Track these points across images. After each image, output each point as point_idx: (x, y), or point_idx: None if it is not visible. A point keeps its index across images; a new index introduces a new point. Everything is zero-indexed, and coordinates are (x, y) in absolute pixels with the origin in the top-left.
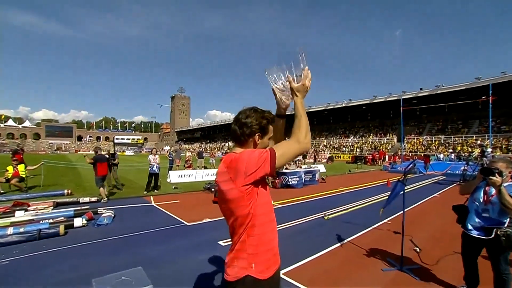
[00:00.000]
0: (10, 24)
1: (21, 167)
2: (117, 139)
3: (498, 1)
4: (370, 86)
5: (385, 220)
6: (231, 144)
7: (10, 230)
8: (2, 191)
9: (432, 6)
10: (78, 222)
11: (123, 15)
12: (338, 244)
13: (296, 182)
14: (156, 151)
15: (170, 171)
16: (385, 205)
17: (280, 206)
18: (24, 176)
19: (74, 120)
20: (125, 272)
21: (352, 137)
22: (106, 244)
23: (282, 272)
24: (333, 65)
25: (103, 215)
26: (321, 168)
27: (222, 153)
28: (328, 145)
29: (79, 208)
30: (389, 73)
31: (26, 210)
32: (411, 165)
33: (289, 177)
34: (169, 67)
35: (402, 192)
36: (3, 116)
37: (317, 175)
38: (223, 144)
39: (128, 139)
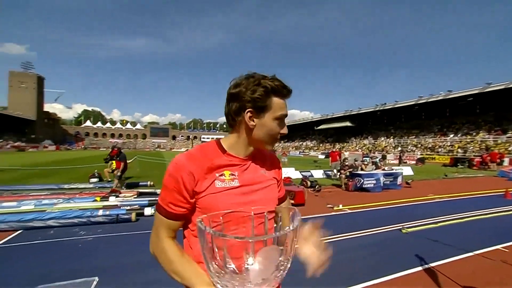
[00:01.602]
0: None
1: None
2: (203, 138)
3: None
4: (473, 74)
5: (499, 246)
6: (309, 143)
7: (100, 212)
8: (109, 179)
9: None
10: (148, 211)
11: (203, 27)
12: (418, 268)
13: (372, 185)
14: None
15: None
16: None
17: (349, 211)
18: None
19: (170, 122)
20: (74, 282)
21: (452, 135)
22: None
23: None
24: (426, 54)
25: None
26: (407, 170)
27: (299, 152)
28: (419, 145)
29: (154, 198)
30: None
31: (117, 196)
32: None
33: (365, 179)
34: (246, 69)
35: None
36: (124, 121)
37: (399, 179)
38: (300, 143)
39: (213, 138)
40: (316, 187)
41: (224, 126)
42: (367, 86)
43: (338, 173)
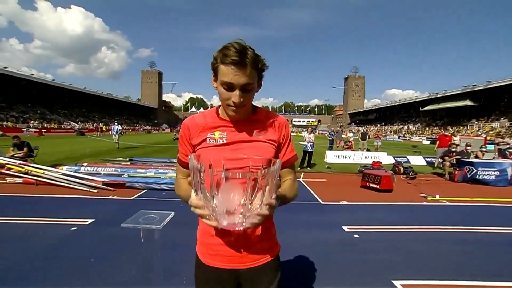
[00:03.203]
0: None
1: None
2: (294, 121)
3: None
4: None
5: None
6: (411, 127)
7: None
8: None
9: None
10: None
11: (295, 7)
12: None
13: (493, 177)
14: (312, 130)
15: (327, 151)
16: None
17: (448, 203)
18: None
19: (262, 106)
20: (160, 212)
21: None
22: None
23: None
24: None
25: None
26: None
27: (399, 136)
28: None
29: None
30: None
31: None
32: None
33: (479, 169)
34: (342, 48)
35: None
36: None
37: None
38: (400, 126)
39: (304, 121)
40: (410, 173)
41: (316, 109)
42: (497, 54)
43: (442, 161)
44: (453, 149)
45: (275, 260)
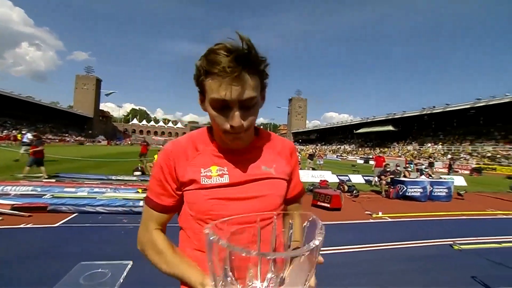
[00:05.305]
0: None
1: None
2: None
3: None
4: None
5: None
6: (347, 147)
7: (141, 203)
8: (151, 174)
9: None
10: None
11: (247, 28)
12: None
13: (418, 194)
14: None
15: None
16: None
17: (390, 220)
18: None
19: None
20: (112, 263)
21: None
22: None
23: None
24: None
25: None
26: (459, 181)
27: (337, 156)
28: (475, 153)
29: None
30: None
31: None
32: None
33: (408, 186)
34: (287, 71)
35: None
36: (166, 120)
37: (450, 189)
38: (338, 146)
39: None
40: (354, 192)
41: (261, 127)
42: (413, 88)
43: (379, 179)
44: (388, 169)
45: None
